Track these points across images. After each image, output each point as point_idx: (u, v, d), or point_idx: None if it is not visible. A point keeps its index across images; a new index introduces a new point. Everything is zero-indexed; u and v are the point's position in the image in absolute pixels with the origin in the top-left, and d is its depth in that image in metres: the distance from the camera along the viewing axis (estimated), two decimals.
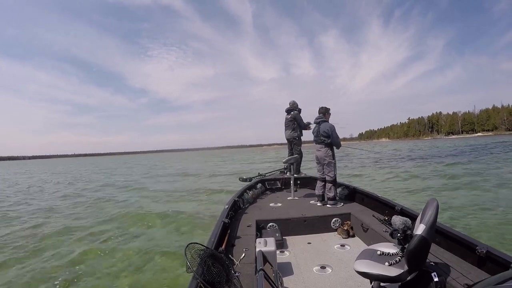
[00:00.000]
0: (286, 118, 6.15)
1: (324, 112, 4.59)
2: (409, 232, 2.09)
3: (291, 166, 5.29)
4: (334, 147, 4.56)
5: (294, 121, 6.05)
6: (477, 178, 11.54)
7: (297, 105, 6.19)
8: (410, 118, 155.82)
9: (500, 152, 24.68)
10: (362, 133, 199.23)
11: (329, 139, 4.41)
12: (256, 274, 2.08)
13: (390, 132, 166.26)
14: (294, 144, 6.23)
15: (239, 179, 6.13)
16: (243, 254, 2.63)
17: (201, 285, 1.79)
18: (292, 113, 6.06)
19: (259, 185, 5.62)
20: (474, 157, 21.58)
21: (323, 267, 2.89)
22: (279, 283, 2.31)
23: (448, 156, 23.40)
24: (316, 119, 4.61)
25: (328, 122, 4.56)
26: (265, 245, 2.62)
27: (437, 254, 2.44)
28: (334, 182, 4.42)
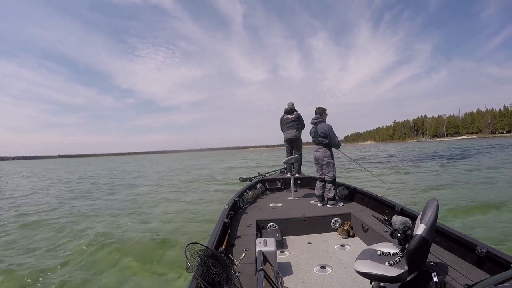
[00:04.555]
0: (288, 118, 6.07)
1: (321, 113, 4.51)
2: (409, 232, 2.03)
3: (291, 166, 5.21)
4: (333, 148, 4.47)
5: (298, 121, 6.00)
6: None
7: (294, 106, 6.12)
8: (396, 121, 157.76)
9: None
10: (348, 135, 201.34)
11: (327, 139, 4.33)
12: (256, 274, 2.01)
13: (376, 134, 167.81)
14: (296, 144, 6.16)
15: (239, 179, 6.03)
16: (243, 254, 2.56)
17: (201, 285, 1.72)
18: (295, 113, 6.02)
19: (259, 185, 5.54)
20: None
21: (323, 267, 2.82)
22: (279, 283, 2.21)
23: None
24: (313, 119, 4.51)
25: (325, 122, 4.48)
26: (265, 245, 2.55)
27: (437, 254, 2.37)
28: (333, 182, 4.34)
